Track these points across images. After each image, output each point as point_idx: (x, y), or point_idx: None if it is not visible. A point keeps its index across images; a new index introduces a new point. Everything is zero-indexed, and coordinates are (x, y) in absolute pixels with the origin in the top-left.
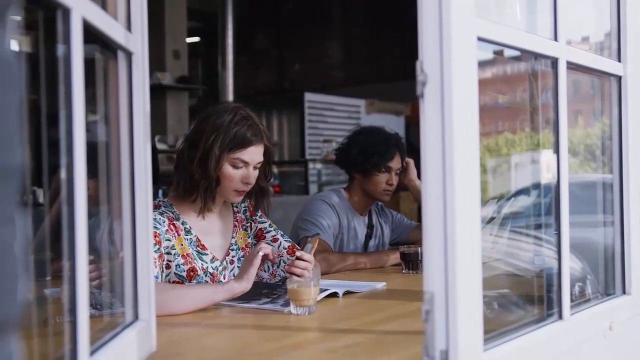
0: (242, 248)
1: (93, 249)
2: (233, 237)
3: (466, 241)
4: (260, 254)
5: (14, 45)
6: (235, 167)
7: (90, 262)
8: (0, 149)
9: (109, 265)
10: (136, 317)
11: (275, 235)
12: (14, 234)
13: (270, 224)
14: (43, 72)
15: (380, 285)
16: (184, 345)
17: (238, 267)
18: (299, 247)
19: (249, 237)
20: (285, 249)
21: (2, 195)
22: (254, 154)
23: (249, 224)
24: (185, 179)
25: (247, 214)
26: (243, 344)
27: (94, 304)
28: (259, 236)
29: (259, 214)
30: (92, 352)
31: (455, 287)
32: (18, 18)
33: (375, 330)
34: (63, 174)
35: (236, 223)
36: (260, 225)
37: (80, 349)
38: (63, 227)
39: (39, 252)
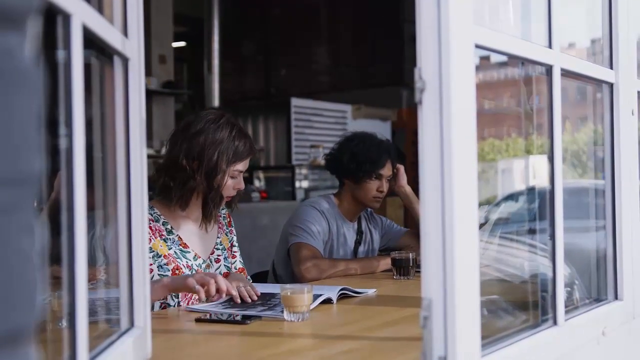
0: (228, 249)
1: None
2: (218, 237)
3: (464, 247)
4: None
5: (33, 53)
6: (232, 177)
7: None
8: (21, 157)
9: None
10: (132, 324)
11: (236, 251)
12: (33, 242)
13: (236, 239)
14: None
15: (372, 291)
16: (178, 353)
17: (225, 265)
18: (245, 271)
19: (229, 242)
20: (236, 269)
21: (22, 203)
22: (247, 163)
23: (229, 230)
24: (190, 191)
25: (226, 221)
26: (238, 351)
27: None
28: (228, 248)
29: (232, 226)
30: None
31: (454, 293)
32: (37, 25)
33: (370, 337)
34: (62, 180)
35: (220, 225)
36: (233, 237)
37: (79, 357)
38: (57, 233)
39: None
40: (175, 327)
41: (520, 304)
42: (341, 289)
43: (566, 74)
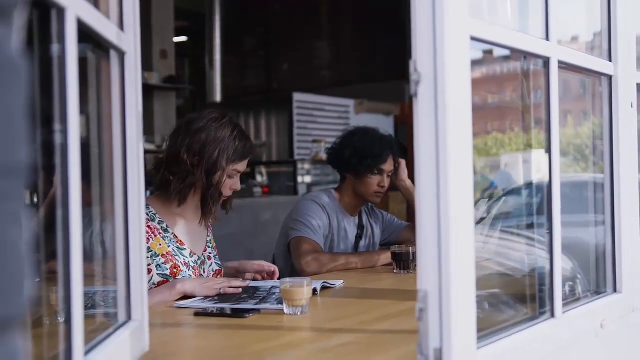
0: (215, 247)
1: (84, 250)
2: (208, 236)
3: (460, 239)
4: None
5: (19, 45)
6: (230, 177)
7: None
8: (8, 148)
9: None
10: (129, 317)
11: (213, 253)
12: (21, 233)
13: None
14: (36, 71)
15: (339, 282)
16: (176, 346)
17: (216, 263)
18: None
19: (214, 241)
20: (213, 271)
21: (9, 194)
22: (246, 164)
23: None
24: (189, 186)
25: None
26: (236, 344)
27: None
28: (215, 247)
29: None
30: (87, 352)
31: (449, 285)
32: (24, 17)
33: (368, 330)
34: (57, 176)
35: (209, 224)
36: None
37: (75, 349)
38: (56, 228)
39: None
40: (173, 320)
41: (519, 297)
42: (323, 286)
43: (564, 66)
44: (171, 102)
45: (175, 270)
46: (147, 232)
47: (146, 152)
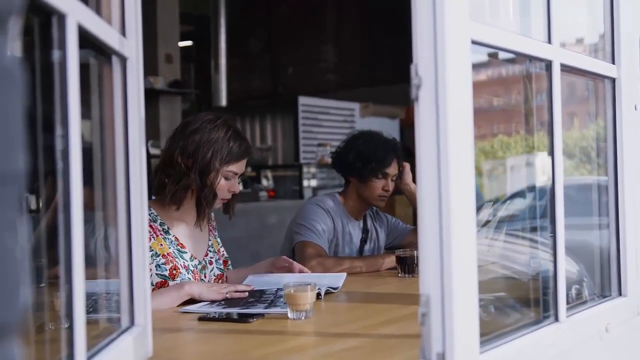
0: (217, 251)
1: (88, 255)
2: (209, 240)
3: (462, 243)
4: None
5: (16, 52)
6: (226, 178)
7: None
8: (3, 155)
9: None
10: (132, 322)
11: (215, 258)
12: (16, 239)
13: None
14: (37, 77)
15: (342, 278)
16: (179, 351)
17: (217, 267)
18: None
19: (218, 245)
20: (215, 276)
21: (5, 200)
22: (244, 165)
23: (217, 232)
24: (184, 188)
25: (215, 224)
26: (240, 349)
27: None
28: (217, 251)
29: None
30: (89, 358)
31: (452, 289)
32: (19, 25)
33: (372, 334)
34: (59, 181)
35: (211, 228)
36: (218, 240)
37: (77, 355)
38: (59, 234)
39: (33, 259)
40: (177, 325)
41: (523, 301)
42: (327, 291)
43: (567, 69)
44: (177, 107)
45: (174, 272)
46: (149, 232)
47: (152, 156)
